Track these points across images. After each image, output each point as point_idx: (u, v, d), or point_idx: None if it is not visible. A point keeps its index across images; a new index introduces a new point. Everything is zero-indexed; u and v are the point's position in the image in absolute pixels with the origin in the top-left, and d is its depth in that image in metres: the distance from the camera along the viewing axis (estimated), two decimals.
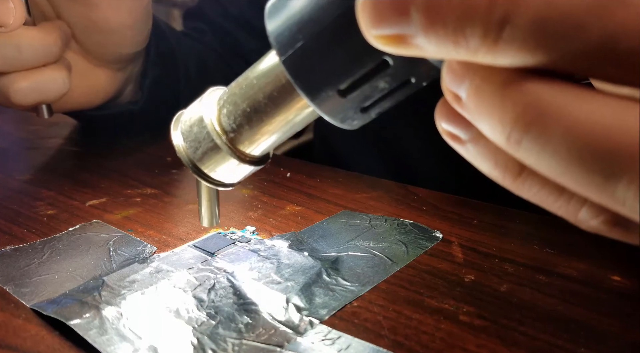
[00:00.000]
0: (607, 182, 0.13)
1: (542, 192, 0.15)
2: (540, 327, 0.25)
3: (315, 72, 0.17)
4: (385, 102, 0.18)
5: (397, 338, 0.24)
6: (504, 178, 0.16)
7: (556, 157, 0.13)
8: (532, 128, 0.13)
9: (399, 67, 0.16)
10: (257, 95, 0.20)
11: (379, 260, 0.31)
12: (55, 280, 0.28)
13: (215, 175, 0.24)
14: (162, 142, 0.53)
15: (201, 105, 0.23)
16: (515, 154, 0.14)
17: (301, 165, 0.48)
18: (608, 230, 0.15)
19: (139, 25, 0.44)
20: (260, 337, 0.24)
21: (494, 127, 0.14)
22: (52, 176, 0.43)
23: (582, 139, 0.13)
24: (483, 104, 0.14)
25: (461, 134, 0.16)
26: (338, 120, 0.19)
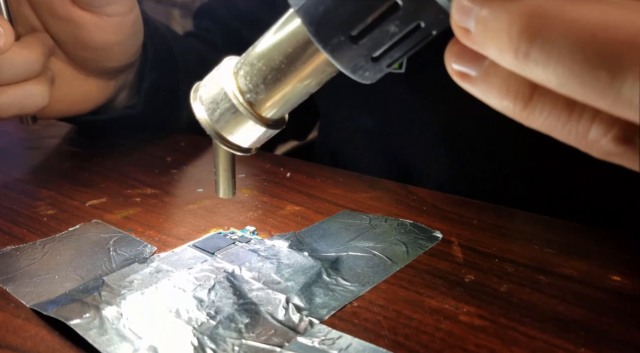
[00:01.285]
0: (613, 80, 0.13)
1: (552, 115, 0.16)
2: (540, 327, 0.25)
3: (327, 17, 0.18)
4: (395, 51, 0.19)
5: (397, 338, 0.24)
6: (515, 107, 0.16)
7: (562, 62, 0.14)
8: (537, 36, 0.14)
9: (408, 8, 0.17)
10: (272, 53, 0.21)
11: (379, 260, 0.31)
12: (55, 280, 0.28)
13: (233, 138, 0.24)
14: (162, 142, 0.53)
15: (219, 70, 0.23)
16: (524, 72, 0.15)
17: (301, 165, 0.48)
18: (617, 148, 0.15)
19: (128, 41, 0.44)
20: (260, 337, 0.24)
21: (502, 47, 0.15)
22: (52, 176, 0.43)
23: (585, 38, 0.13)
24: (490, 27, 0.15)
25: (471, 70, 0.17)
26: (350, 69, 0.19)
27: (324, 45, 0.18)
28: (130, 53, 0.45)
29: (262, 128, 0.23)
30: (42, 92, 0.40)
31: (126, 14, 0.41)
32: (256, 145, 0.25)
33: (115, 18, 0.41)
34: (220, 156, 0.27)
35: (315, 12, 0.18)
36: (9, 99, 0.38)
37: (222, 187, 0.28)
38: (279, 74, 0.21)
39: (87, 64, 0.44)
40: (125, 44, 0.43)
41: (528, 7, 0.14)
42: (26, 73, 0.39)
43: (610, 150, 0.15)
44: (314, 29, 0.18)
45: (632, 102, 0.13)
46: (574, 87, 0.14)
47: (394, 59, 0.19)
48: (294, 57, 0.20)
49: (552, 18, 0.14)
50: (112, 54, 0.43)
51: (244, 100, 0.22)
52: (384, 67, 0.20)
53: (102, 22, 0.40)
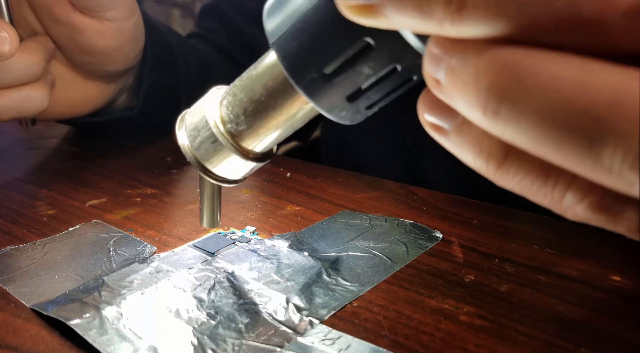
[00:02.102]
0: (591, 147, 0.12)
1: (526, 179, 0.15)
2: (540, 327, 0.25)
3: (301, 53, 0.17)
4: (372, 93, 0.18)
5: (397, 338, 0.24)
6: (488, 166, 0.15)
7: (535, 124, 0.13)
8: (507, 95, 0.13)
9: (381, 50, 0.17)
10: (253, 85, 0.21)
11: (379, 260, 0.31)
12: (55, 280, 0.28)
13: (219, 172, 0.24)
14: (162, 142, 0.53)
15: (204, 102, 0.23)
16: (495, 130, 0.14)
17: (301, 165, 0.48)
18: (593, 215, 0.14)
19: (127, 46, 0.43)
20: (260, 337, 0.24)
21: (470, 102, 0.14)
22: (52, 176, 0.43)
23: (560, 99, 0.12)
24: (458, 80, 0.14)
25: (444, 124, 0.16)
26: (325, 107, 0.19)
27: (297, 81, 0.18)
28: (130, 58, 0.45)
29: (242, 160, 0.23)
30: (42, 95, 0.40)
31: (126, 19, 0.41)
32: (238, 177, 0.25)
33: (115, 23, 0.41)
34: (205, 185, 0.27)
35: (289, 47, 0.18)
36: (8, 102, 0.38)
37: (207, 217, 0.28)
38: (259, 107, 0.21)
39: (87, 67, 0.44)
40: (125, 49, 0.43)
41: (498, 59, 0.13)
42: (26, 77, 0.39)
43: (586, 217, 0.14)
44: (286, 63, 0.18)
45: (611, 170, 0.12)
46: (549, 151, 0.13)
47: (372, 102, 0.19)
48: (274, 91, 0.20)
49: (525, 74, 0.12)
50: (112, 59, 0.43)
51: (225, 130, 0.22)
52: (362, 109, 0.19)
53: (102, 26, 0.40)
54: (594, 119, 0.12)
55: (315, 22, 0.17)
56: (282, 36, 0.18)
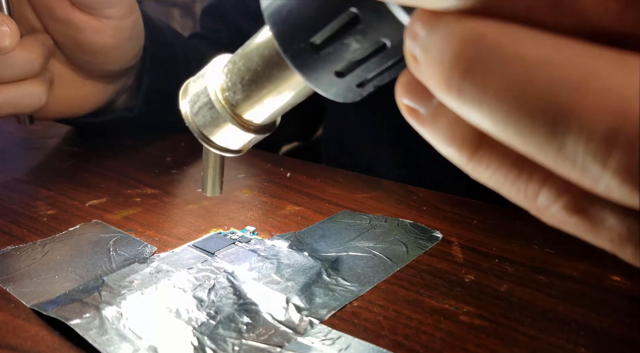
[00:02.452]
0: (554, 132, 0.11)
1: (499, 171, 0.14)
2: (540, 327, 0.25)
3: (289, 21, 0.17)
4: (362, 70, 0.18)
5: (397, 338, 0.24)
6: (460, 155, 0.14)
7: (498, 104, 0.12)
8: (470, 70, 0.12)
9: (368, 23, 0.16)
10: (252, 53, 0.21)
11: (379, 260, 0.31)
12: (55, 280, 0.28)
13: (218, 140, 0.24)
14: (162, 142, 0.53)
15: (206, 69, 0.23)
16: (461, 111, 0.13)
17: (301, 165, 0.48)
18: (570, 219, 0.13)
19: (126, 45, 0.43)
20: (260, 337, 0.24)
21: (437, 78, 0.13)
22: (52, 176, 0.43)
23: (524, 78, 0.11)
24: (429, 54, 0.13)
25: (421, 107, 0.15)
26: (313, 80, 0.18)
27: (284, 49, 0.18)
28: (130, 57, 0.45)
29: (239, 129, 0.23)
30: (40, 92, 0.40)
31: (125, 17, 0.41)
32: (238, 147, 0.24)
33: (114, 21, 0.41)
34: (209, 156, 0.27)
35: (279, 15, 0.17)
36: (6, 97, 0.38)
37: (209, 185, 0.28)
38: (255, 76, 0.21)
39: (86, 66, 0.44)
40: (124, 47, 0.43)
41: (464, 32, 0.12)
42: (25, 72, 0.39)
43: (562, 220, 0.13)
44: (276, 31, 0.18)
45: (575, 161, 0.11)
46: (512, 135, 0.12)
47: (362, 79, 0.18)
48: (269, 61, 0.20)
49: (489, 48, 0.12)
50: (110, 57, 0.43)
51: (222, 97, 0.22)
52: (352, 86, 0.19)
53: (101, 24, 0.40)
54: (558, 100, 0.11)
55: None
56: (273, 3, 0.18)
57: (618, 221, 0.13)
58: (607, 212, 0.13)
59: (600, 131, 0.11)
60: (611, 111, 0.11)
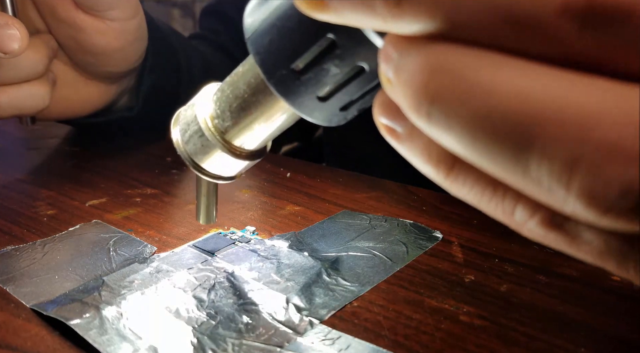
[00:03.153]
0: (518, 156, 0.11)
1: (475, 188, 0.14)
2: (540, 327, 0.25)
3: (271, 48, 0.18)
4: (343, 93, 0.18)
5: (397, 338, 0.24)
6: (438, 173, 0.15)
7: (465, 128, 0.12)
8: (438, 96, 0.12)
9: (345, 48, 0.17)
10: (238, 81, 0.21)
11: (379, 260, 0.31)
12: (55, 280, 0.28)
13: (209, 168, 0.24)
14: (162, 142, 0.53)
15: (197, 98, 0.23)
16: (431, 134, 0.13)
17: (301, 165, 0.48)
18: (548, 234, 0.13)
19: (130, 47, 0.43)
20: (260, 337, 0.24)
21: (408, 102, 0.13)
22: (52, 176, 0.43)
23: (488, 105, 0.12)
24: (400, 78, 0.13)
25: (397, 126, 0.15)
26: (297, 105, 0.19)
27: (268, 77, 0.18)
28: (133, 59, 0.45)
29: (230, 157, 0.23)
30: (43, 93, 0.40)
31: (129, 19, 0.41)
32: (230, 174, 0.25)
33: (117, 23, 0.41)
34: (202, 184, 0.27)
35: (262, 43, 0.18)
36: (9, 98, 0.38)
37: (203, 213, 0.28)
38: (243, 103, 0.21)
39: (89, 67, 0.44)
40: (128, 49, 0.43)
41: (432, 58, 0.12)
42: (29, 74, 0.39)
43: (540, 235, 0.14)
44: (259, 59, 0.18)
45: (540, 183, 0.11)
46: (479, 159, 0.12)
47: (344, 103, 0.19)
48: (255, 88, 0.20)
49: (457, 76, 0.12)
50: (113, 59, 0.43)
51: (212, 125, 0.22)
52: (335, 110, 0.19)
53: (104, 26, 0.40)
54: (520, 125, 0.11)
55: (285, 18, 0.17)
56: (256, 32, 0.18)
57: (595, 237, 0.13)
58: (582, 227, 0.13)
59: (561, 157, 0.11)
60: (570, 136, 0.11)
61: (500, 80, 0.12)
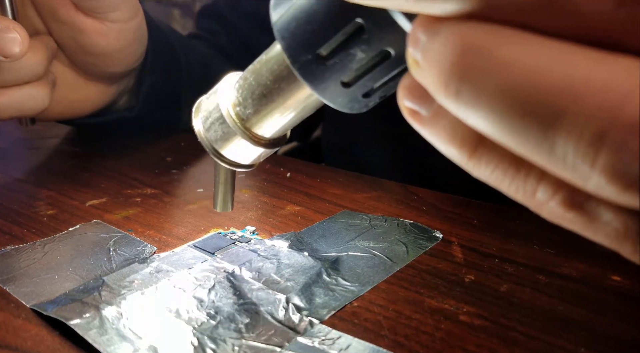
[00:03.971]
0: (545, 133, 0.12)
1: (498, 169, 0.14)
2: (540, 327, 0.25)
3: (297, 34, 0.18)
4: (367, 79, 0.18)
5: (397, 338, 0.24)
6: (461, 154, 0.15)
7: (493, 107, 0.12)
8: (467, 74, 0.13)
9: (373, 32, 0.17)
10: (262, 68, 0.21)
11: (379, 260, 0.31)
12: (55, 280, 0.28)
13: (229, 155, 0.24)
14: (162, 142, 0.53)
15: (218, 85, 0.24)
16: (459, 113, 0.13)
17: (301, 165, 0.48)
18: (567, 214, 0.14)
19: (130, 48, 0.43)
20: (260, 337, 0.24)
21: (436, 81, 0.13)
22: (52, 176, 0.43)
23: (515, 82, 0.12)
24: (428, 58, 0.14)
25: (422, 109, 0.15)
26: (320, 90, 0.19)
27: (293, 61, 0.18)
28: (133, 60, 0.45)
29: (250, 144, 0.23)
30: (43, 95, 0.40)
31: (129, 20, 0.41)
32: (249, 161, 0.25)
33: (118, 24, 0.41)
34: (219, 169, 0.27)
35: (288, 27, 0.18)
36: (9, 100, 0.38)
37: (220, 201, 0.28)
38: (265, 90, 0.21)
39: (88, 68, 0.44)
40: (127, 50, 0.43)
41: (462, 38, 0.13)
42: (29, 76, 0.39)
43: (560, 215, 0.14)
44: (285, 44, 0.18)
45: (565, 160, 0.12)
46: (506, 137, 0.13)
47: (368, 89, 0.19)
48: (278, 75, 0.20)
49: (486, 53, 0.12)
50: (114, 60, 0.43)
51: (234, 112, 0.22)
52: (358, 96, 0.19)
53: (105, 27, 0.40)
54: (549, 103, 0.11)
55: (312, 2, 0.17)
56: (282, 17, 0.18)
57: (614, 217, 0.13)
58: (602, 208, 0.13)
59: (588, 133, 0.11)
60: (599, 113, 0.11)
61: (530, 58, 0.12)
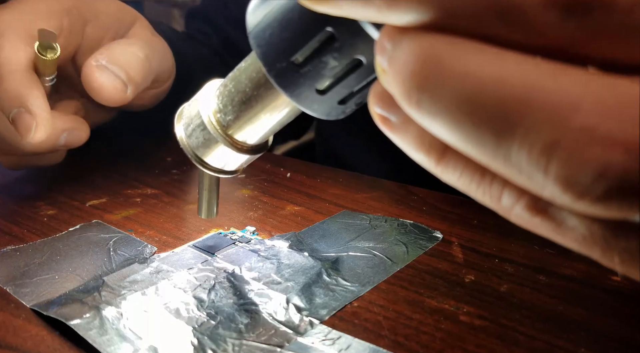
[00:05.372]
0: (500, 143, 0.12)
1: (465, 174, 0.15)
2: (540, 327, 0.25)
3: (272, 42, 0.18)
4: (342, 86, 0.19)
5: (397, 338, 0.24)
6: (429, 160, 0.15)
7: (451, 116, 0.13)
8: (426, 84, 0.13)
9: (344, 41, 0.17)
10: (240, 75, 0.21)
11: (379, 261, 0.31)
12: (55, 280, 0.28)
13: (212, 162, 0.24)
14: (162, 142, 0.53)
15: (199, 93, 0.24)
16: (421, 122, 0.14)
17: (301, 165, 0.48)
18: (534, 219, 0.14)
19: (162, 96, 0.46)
20: (261, 337, 0.24)
21: (399, 90, 0.14)
22: (52, 176, 0.43)
23: (473, 92, 0.12)
24: (392, 67, 0.14)
25: (391, 116, 0.16)
26: (295, 97, 0.19)
27: (268, 68, 0.19)
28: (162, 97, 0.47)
29: (231, 151, 0.23)
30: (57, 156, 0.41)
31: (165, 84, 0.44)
32: (232, 168, 0.25)
33: (154, 90, 0.43)
34: (204, 178, 0.28)
35: (263, 36, 0.18)
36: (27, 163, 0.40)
37: (204, 208, 0.28)
38: (245, 97, 0.21)
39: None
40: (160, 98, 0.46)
41: (422, 49, 0.13)
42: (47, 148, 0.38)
43: (527, 220, 0.14)
44: (261, 51, 0.19)
45: (520, 169, 0.12)
46: (465, 145, 0.13)
47: (342, 96, 0.19)
48: (257, 82, 0.21)
49: (445, 65, 0.12)
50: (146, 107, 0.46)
51: (215, 119, 0.23)
52: (334, 103, 0.19)
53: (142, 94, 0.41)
54: (503, 113, 0.12)
55: (285, 12, 0.18)
56: (257, 26, 0.18)
57: (578, 222, 0.13)
58: (566, 213, 0.13)
59: (540, 142, 0.11)
60: (550, 123, 0.11)
61: (485, 68, 0.12)
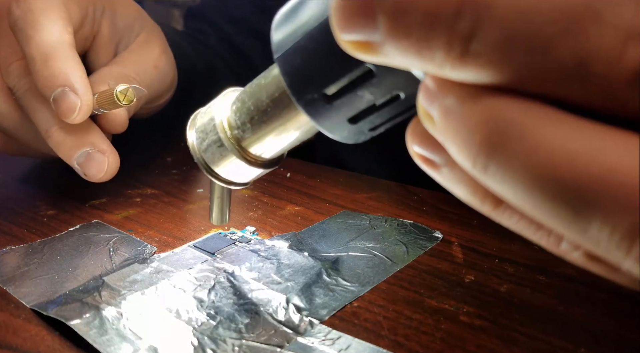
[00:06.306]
0: (578, 219, 0.11)
1: (522, 222, 0.14)
2: (540, 327, 0.25)
3: (303, 71, 0.17)
4: (375, 117, 0.18)
5: (397, 338, 0.24)
6: (483, 206, 0.15)
7: (522, 186, 0.12)
8: (496, 152, 0.12)
9: (382, 77, 0.16)
10: (260, 93, 0.20)
11: (379, 261, 0.31)
12: (55, 280, 0.28)
13: (225, 175, 0.24)
14: (162, 142, 0.53)
15: (215, 104, 0.23)
16: (483, 182, 0.13)
17: (301, 165, 0.48)
18: (590, 264, 0.14)
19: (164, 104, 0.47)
20: (260, 337, 0.24)
21: (461, 152, 0.13)
22: (52, 176, 0.43)
23: (548, 167, 0.11)
24: (451, 125, 0.13)
25: (435, 157, 0.15)
26: (325, 127, 0.18)
27: (298, 98, 0.18)
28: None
29: (248, 166, 0.23)
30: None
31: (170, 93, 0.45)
32: (245, 180, 0.25)
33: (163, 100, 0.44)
34: (215, 185, 0.27)
35: (293, 63, 0.17)
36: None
37: (215, 214, 0.28)
38: (265, 117, 0.21)
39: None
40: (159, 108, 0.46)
41: (493, 113, 0.12)
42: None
43: (583, 264, 0.14)
44: (288, 80, 0.18)
45: (599, 244, 0.11)
46: (535, 212, 0.12)
47: (374, 125, 0.18)
48: (279, 103, 0.20)
49: (517, 134, 0.12)
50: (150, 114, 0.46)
51: (231, 135, 0.22)
52: (364, 130, 0.19)
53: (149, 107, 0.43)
54: (581, 191, 0.11)
55: (319, 42, 0.16)
56: (287, 51, 0.17)
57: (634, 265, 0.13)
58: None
59: (623, 225, 0.11)
60: (633, 205, 0.11)
61: (564, 142, 0.11)
